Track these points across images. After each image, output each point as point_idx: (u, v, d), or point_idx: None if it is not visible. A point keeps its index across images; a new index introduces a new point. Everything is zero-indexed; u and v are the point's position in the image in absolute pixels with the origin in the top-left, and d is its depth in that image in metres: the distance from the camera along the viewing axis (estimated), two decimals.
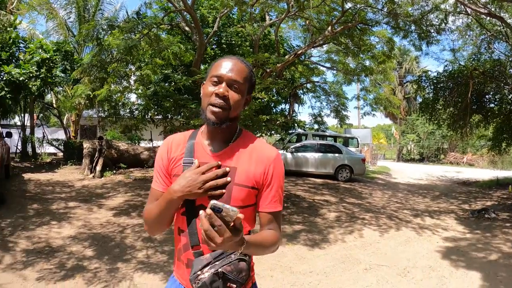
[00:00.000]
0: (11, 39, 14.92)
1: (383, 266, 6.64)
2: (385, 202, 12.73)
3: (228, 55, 1.87)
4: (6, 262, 6.22)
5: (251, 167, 1.75)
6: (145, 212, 1.83)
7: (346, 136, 24.36)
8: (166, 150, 1.86)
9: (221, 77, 1.71)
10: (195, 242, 1.70)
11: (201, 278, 1.58)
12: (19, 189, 11.31)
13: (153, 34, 11.70)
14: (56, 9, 21.56)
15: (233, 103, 1.71)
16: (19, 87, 14.58)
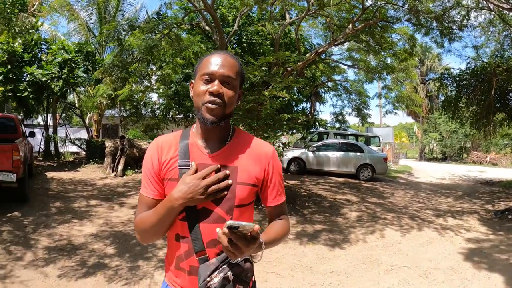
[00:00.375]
0: (34, 41, 15.16)
1: (404, 267, 6.57)
2: (407, 202, 12.58)
3: (215, 51, 1.83)
4: (28, 259, 6.31)
5: (251, 165, 1.74)
6: (137, 221, 1.73)
7: (368, 135, 24.15)
8: (156, 152, 1.76)
9: (213, 74, 1.65)
10: (199, 248, 1.65)
11: (211, 284, 1.55)
12: (42, 187, 11.46)
13: (174, 34, 11.74)
14: (77, 10, 21.81)
15: (227, 99, 1.66)
16: (42, 87, 14.80)
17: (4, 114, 14.16)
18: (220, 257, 1.61)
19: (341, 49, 18.44)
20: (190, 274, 1.68)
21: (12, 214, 8.70)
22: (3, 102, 16.22)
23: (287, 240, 7.95)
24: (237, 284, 1.58)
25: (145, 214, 1.71)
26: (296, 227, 8.94)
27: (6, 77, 13.88)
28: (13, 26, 11.45)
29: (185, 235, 1.68)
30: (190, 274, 1.68)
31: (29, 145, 11.85)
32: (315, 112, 19.48)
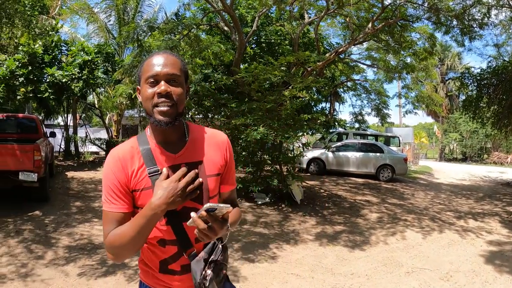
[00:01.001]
0: (54, 43, 15.32)
1: (425, 269, 6.49)
2: (427, 203, 12.42)
3: (153, 52, 1.77)
4: (49, 258, 6.37)
5: (213, 155, 1.77)
6: (112, 239, 1.63)
7: (388, 135, 23.93)
8: (119, 165, 1.68)
9: (158, 75, 1.63)
10: (188, 246, 1.68)
11: (207, 275, 1.60)
12: (62, 187, 11.55)
13: (193, 35, 11.77)
14: (96, 12, 21.94)
15: (177, 97, 1.63)
16: (62, 88, 14.94)
17: (26, 114, 14.36)
18: (207, 249, 1.66)
19: (360, 49, 18.36)
20: (181, 273, 1.73)
21: (33, 213, 8.79)
22: (24, 103, 16.42)
23: (307, 241, 7.92)
24: (222, 270, 1.68)
25: (120, 229, 1.62)
26: (316, 228, 8.90)
27: (27, 78, 14.03)
28: (33, 28, 11.56)
29: (171, 238, 1.69)
30: (181, 273, 1.73)
31: (50, 145, 11.96)
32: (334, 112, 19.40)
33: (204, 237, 1.52)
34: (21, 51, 13.85)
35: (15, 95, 14.20)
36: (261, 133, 9.42)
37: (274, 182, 10.70)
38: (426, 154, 44.93)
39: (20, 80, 13.89)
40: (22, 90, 13.91)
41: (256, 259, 6.72)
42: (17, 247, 6.77)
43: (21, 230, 7.65)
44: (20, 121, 11.96)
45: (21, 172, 8.51)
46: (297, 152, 12.78)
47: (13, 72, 13.71)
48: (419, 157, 32.43)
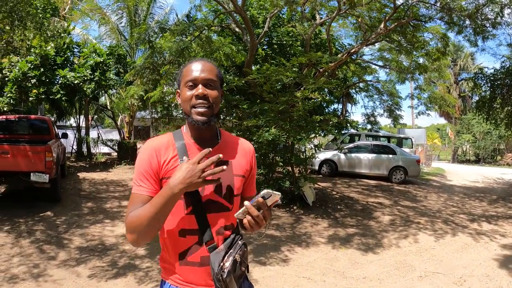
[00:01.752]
0: (66, 44, 15.44)
1: (438, 273, 6.39)
2: (440, 205, 12.29)
3: (192, 59, 1.92)
4: (60, 259, 6.39)
5: (241, 159, 1.92)
6: (131, 219, 1.69)
7: (400, 137, 23.75)
8: (153, 153, 1.81)
9: (196, 79, 1.78)
10: (209, 238, 1.77)
11: (225, 268, 1.70)
12: (74, 187, 11.61)
13: (204, 36, 11.76)
14: (107, 14, 22.07)
15: (213, 100, 1.78)
16: (74, 90, 15.04)
17: (38, 116, 14.45)
18: (226, 243, 1.79)
19: (372, 49, 18.24)
20: (201, 265, 1.79)
21: (45, 213, 8.86)
22: (36, 104, 16.53)
23: (319, 244, 7.86)
24: (242, 266, 1.78)
25: (140, 209, 1.68)
26: (328, 231, 8.84)
27: (39, 80, 14.13)
28: (45, 31, 11.62)
29: (193, 227, 1.78)
30: (201, 265, 1.79)
31: (62, 146, 12.04)
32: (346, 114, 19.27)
33: (254, 225, 1.65)
34: (33, 53, 13.96)
35: (28, 96, 14.31)
36: (273, 134, 9.38)
37: (286, 184, 10.65)
38: (439, 156, 44.56)
39: (32, 81, 14.00)
40: (34, 91, 14.01)
41: (268, 262, 6.67)
42: (29, 248, 6.80)
43: (32, 230, 7.69)
44: (32, 123, 12.05)
45: (33, 173, 8.58)
46: (309, 154, 12.70)
47: (26, 74, 13.83)
48: (431, 159, 32.17)
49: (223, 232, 1.81)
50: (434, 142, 48.05)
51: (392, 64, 16.55)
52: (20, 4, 9.58)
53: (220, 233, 1.80)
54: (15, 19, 9.99)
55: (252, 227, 1.65)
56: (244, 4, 11.86)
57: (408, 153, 18.32)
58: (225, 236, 1.81)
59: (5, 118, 11.74)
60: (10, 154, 8.55)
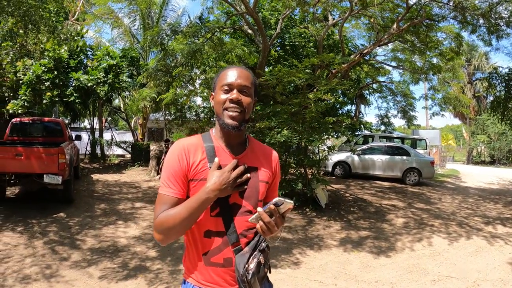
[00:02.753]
0: (79, 48, 15.58)
1: (452, 278, 6.31)
2: (454, 208, 12.14)
3: (230, 65, 2.01)
4: (72, 259, 6.43)
5: (266, 166, 1.97)
6: (162, 220, 1.77)
7: (414, 138, 23.56)
8: (182, 155, 1.85)
9: (231, 84, 1.83)
10: (234, 240, 1.81)
11: (250, 269, 1.74)
12: (87, 189, 11.69)
13: (217, 38, 11.76)
14: (120, 17, 22.22)
15: (246, 105, 1.84)
16: (88, 92, 15.15)
17: (51, 118, 14.58)
18: (250, 245, 1.82)
19: (386, 50, 18.15)
20: (224, 266, 1.83)
21: (58, 215, 8.93)
22: (50, 107, 16.67)
23: (332, 247, 7.81)
24: (264, 267, 1.83)
25: (172, 211, 1.75)
26: (341, 233, 8.78)
27: (53, 83, 14.26)
28: (58, 34, 11.72)
29: (219, 229, 1.82)
30: (224, 266, 1.83)
31: (75, 148, 12.12)
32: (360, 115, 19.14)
33: (266, 232, 1.71)
34: (47, 56, 14.09)
35: (42, 99, 14.43)
36: (285, 135, 9.35)
37: (299, 185, 10.60)
38: (454, 157, 44.14)
39: (46, 84, 14.13)
40: (48, 94, 14.13)
41: (279, 264, 6.64)
42: (42, 248, 6.85)
43: (45, 231, 7.75)
44: (45, 125, 12.16)
45: (46, 174, 8.65)
46: (322, 155, 12.65)
47: (39, 77, 13.95)
48: (446, 160, 31.87)
49: (247, 234, 1.84)
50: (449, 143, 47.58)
51: (405, 65, 16.44)
52: (33, 8, 9.66)
53: (244, 235, 1.84)
54: (29, 23, 10.09)
55: (264, 232, 1.71)
56: (256, 6, 11.85)
57: (422, 155, 18.15)
58: (248, 238, 1.85)
59: (20, 121, 11.85)
60: (23, 156, 8.64)
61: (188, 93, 14.84)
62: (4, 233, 7.51)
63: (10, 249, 6.73)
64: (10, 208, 9.25)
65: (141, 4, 18.89)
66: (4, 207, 9.27)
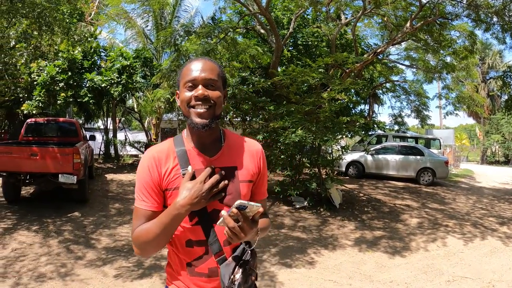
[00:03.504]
0: (93, 49, 15.68)
1: (467, 278, 6.27)
2: (469, 208, 12.05)
3: (193, 58, 1.83)
4: (87, 258, 6.49)
5: (247, 163, 1.81)
6: (138, 234, 1.68)
7: (428, 137, 23.41)
8: (153, 164, 1.73)
9: (195, 79, 1.69)
10: (217, 249, 1.70)
11: (236, 280, 1.63)
12: (102, 188, 11.75)
13: (230, 38, 11.77)
14: (133, 18, 22.31)
15: (215, 100, 1.69)
16: (102, 93, 15.23)
17: (66, 118, 14.69)
18: (235, 254, 1.69)
19: (399, 49, 18.00)
20: (209, 276, 1.73)
21: (72, 214, 9.01)
22: (65, 107, 16.77)
23: (346, 246, 7.78)
24: (252, 276, 1.71)
25: (146, 225, 1.67)
26: (355, 233, 8.75)
27: (67, 84, 14.35)
28: (72, 35, 11.83)
29: (199, 239, 1.71)
30: (209, 276, 1.73)
31: (90, 148, 12.20)
32: (373, 114, 19.01)
33: (233, 237, 1.54)
34: (61, 57, 14.20)
35: (56, 100, 14.53)
36: (299, 135, 9.33)
37: (313, 185, 10.58)
38: (468, 157, 43.82)
39: (60, 85, 14.22)
40: (62, 95, 14.23)
41: (293, 264, 6.64)
42: (57, 247, 6.92)
43: (60, 230, 7.82)
44: (60, 125, 12.25)
45: (61, 174, 8.71)
46: (336, 155, 12.61)
47: (54, 78, 14.05)
48: (460, 160, 31.64)
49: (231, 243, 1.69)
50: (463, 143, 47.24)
51: (419, 64, 16.33)
52: (47, 10, 9.75)
53: (228, 243, 1.70)
54: (43, 25, 10.18)
55: (232, 238, 1.55)
56: (269, 6, 11.84)
57: (436, 154, 18.04)
58: (233, 246, 1.72)
59: (34, 121, 11.94)
60: (39, 156, 8.72)
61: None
62: (20, 232, 7.59)
63: (25, 248, 6.80)
64: (25, 208, 9.34)
65: (154, 5, 18.98)
66: (19, 207, 9.37)
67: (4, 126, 20.16)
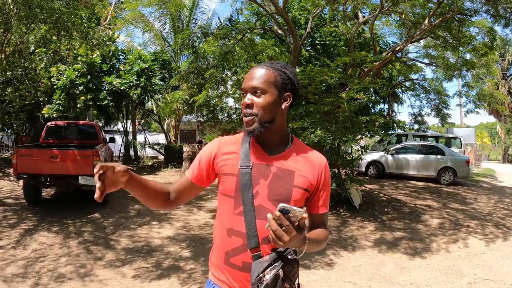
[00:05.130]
0: (111, 52, 15.86)
1: (488, 280, 6.16)
2: (491, 208, 11.82)
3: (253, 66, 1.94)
4: (107, 259, 6.54)
5: (307, 171, 1.85)
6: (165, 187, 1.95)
7: (448, 136, 23.13)
8: (216, 145, 1.92)
9: (244, 89, 1.83)
10: (254, 245, 1.73)
11: (264, 280, 1.61)
12: (121, 190, 11.77)
13: (247, 39, 11.78)
14: (151, 21, 22.50)
15: (259, 108, 1.78)
16: (121, 95, 15.37)
17: (86, 121, 14.82)
18: (273, 255, 1.68)
19: (417, 47, 17.80)
20: (242, 270, 1.76)
21: (92, 215, 9.11)
22: (84, 110, 16.95)
23: (366, 248, 7.71)
24: (285, 283, 1.65)
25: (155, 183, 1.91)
26: (375, 234, 8.66)
27: (87, 87, 14.52)
28: (90, 39, 11.95)
29: (239, 229, 1.76)
30: (242, 270, 1.76)
31: (110, 150, 12.31)
32: (393, 114, 18.90)
33: (276, 241, 1.52)
34: (80, 61, 14.37)
35: (76, 103, 14.71)
36: (319, 136, 9.28)
37: (333, 186, 10.50)
38: (489, 156, 43.21)
39: (80, 89, 14.40)
40: (82, 98, 14.39)
41: (313, 265, 6.60)
42: (77, 248, 7.00)
43: (80, 231, 7.90)
44: (80, 128, 12.37)
45: (81, 176, 8.81)
46: (355, 155, 12.51)
47: (73, 82, 14.23)
48: (481, 159, 31.22)
49: (270, 241, 1.65)
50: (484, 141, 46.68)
51: (438, 61, 16.14)
52: (66, 15, 9.87)
53: (266, 242, 1.72)
54: (61, 30, 10.31)
55: (275, 241, 1.52)
56: (286, 6, 11.81)
57: (457, 154, 17.77)
58: (272, 246, 1.71)
59: (55, 124, 12.07)
60: (59, 158, 8.86)
61: (220, 95, 14.91)
62: (40, 233, 7.69)
63: (45, 249, 6.89)
64: (46, 209, 9.46)
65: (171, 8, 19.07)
66: (40, 208, 9.49)
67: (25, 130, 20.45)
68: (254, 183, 1.76)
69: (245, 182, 1.76)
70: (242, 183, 1.76)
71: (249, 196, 1.74)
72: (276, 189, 1.77)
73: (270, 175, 1.79)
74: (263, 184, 1.77)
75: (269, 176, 1.79)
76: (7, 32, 9.34)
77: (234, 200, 1.78)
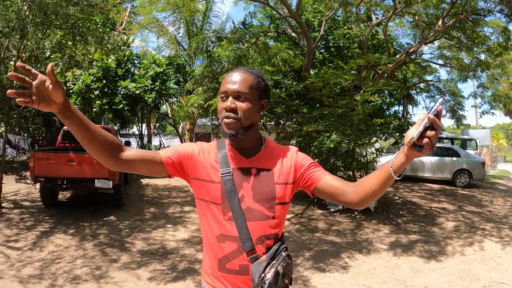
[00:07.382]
0: (126, 57, 16.02)
1: (504, 284, 6.11)
2: (507, 210, 11.71)
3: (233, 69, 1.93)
4: (122, 261, 6.61)
5: (284, 166, 1.87)
6: None
7: (464, 138, 22.95)
8: (198, 150, 1.90)
9: (226, 92, 1.79)
10: (250, 247, 1.73)
11: (266, 279, 1.66)
12: (137, 193, 11.92)
13: (261, 43, 11.81)
14: (165, 26, 22.62)
15: (242, 112, 1.77)
16: (136, 99, 15.50)
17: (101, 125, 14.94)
18: (269, 254, 1.73)
19: (432, 48, 17.73)
20: (239, 273, 1.75)
21: (108, 218, 9.20)
22: (100, 114, 17.12)
23: (380, 251, 7.69)
24: (284, 278, 1.72)
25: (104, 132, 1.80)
26: (390, 237, 8.63)
27: (102, 91, 14.67)
28: (105, 44, 12.08)
29: (232, 234, 1.76)
30: (239, 273, 1.75)
31: None
32: (407, 115, 18.75)
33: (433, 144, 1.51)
34: (95, 66, 14.54)
35: (91, 107, 14.86)
36: (334, 141, 9.27)
37: None
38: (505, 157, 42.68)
39: (95, 93, 14.56)
40: (97, 102, 14.55)
41: (327, 268, 6.60)
42: (92, 250, 7.08)
43: (96, 234, 7.99)
44: None
45: (97, 179, 8.92)
46: (370, 158, 12.46)
47: (89, 86, 14.38)
48: (497, 161, 30.86)
49: (264, 241, 1.77)
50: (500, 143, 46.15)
51: (452, 62, 16.06)
52: (81, 21, 9.99)
53: (261, 242, 1.76)
54: (77, 35, 10.42)
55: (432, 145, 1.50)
56: (299, 9, 11.84)
57: (473, 155, 17.63)
58: (266, 245, 1.77)
59: None
60: (75, 161, 8.98)
61: None
62: (56, 235, 7.80)
63: (61, 251, 6.99)
64: (62, 212, 9.58)
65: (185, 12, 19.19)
66: (56, 210, 9.62)
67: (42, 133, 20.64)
68: (238, 188, 1.78)
69: (229, 188, 1.77)
70: (227, 189, 1.77)
71: (235, 201, 1.76)
72: (259, 190, 1.80)
73: (252, 177, 1.82)
74: (246, 187, 1.80)
75: (250, 179, 1.81)
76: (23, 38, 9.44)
77: (222, 206, 1.78)
